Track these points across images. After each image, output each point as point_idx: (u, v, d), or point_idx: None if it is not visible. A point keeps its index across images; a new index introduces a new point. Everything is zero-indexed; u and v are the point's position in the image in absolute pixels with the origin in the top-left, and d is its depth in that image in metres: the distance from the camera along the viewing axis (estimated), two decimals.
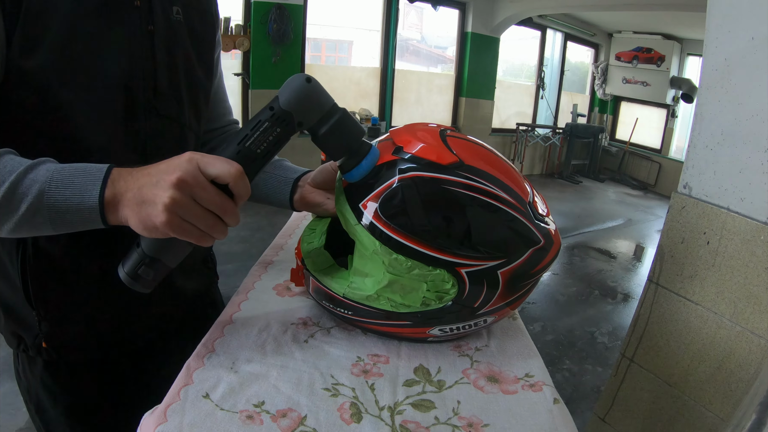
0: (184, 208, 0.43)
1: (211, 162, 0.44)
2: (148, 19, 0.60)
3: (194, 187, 0.43)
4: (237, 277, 0.79)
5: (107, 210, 0.46)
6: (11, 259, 0.60)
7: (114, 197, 0.45)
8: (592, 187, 6.61)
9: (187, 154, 0.45)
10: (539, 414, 0.50)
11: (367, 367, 0.56)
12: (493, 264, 0.53)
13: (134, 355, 0.71)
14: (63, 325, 0.63)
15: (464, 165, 0.52)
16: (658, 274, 1.00)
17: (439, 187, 0.51)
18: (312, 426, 0.46)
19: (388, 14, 5.13)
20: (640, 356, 1.04)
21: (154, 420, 0.45)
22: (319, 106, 0.51)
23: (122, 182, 0.46)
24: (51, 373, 0.66)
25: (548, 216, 0.59)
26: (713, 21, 0.87)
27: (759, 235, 0.82)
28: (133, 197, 0.44)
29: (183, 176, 0.43)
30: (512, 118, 6.62)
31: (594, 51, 7.35)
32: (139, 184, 0.44)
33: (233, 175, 0.44)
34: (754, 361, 0.83)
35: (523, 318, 0.70)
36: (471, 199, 0.51)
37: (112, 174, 0.46)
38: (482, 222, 0.52)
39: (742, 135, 0.84)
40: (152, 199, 0.43)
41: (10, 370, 0.71)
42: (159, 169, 0.44)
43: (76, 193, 0.45)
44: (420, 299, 0.54)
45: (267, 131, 0.49)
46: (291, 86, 0.49)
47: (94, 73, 0.56)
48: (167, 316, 0.73)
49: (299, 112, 0.49)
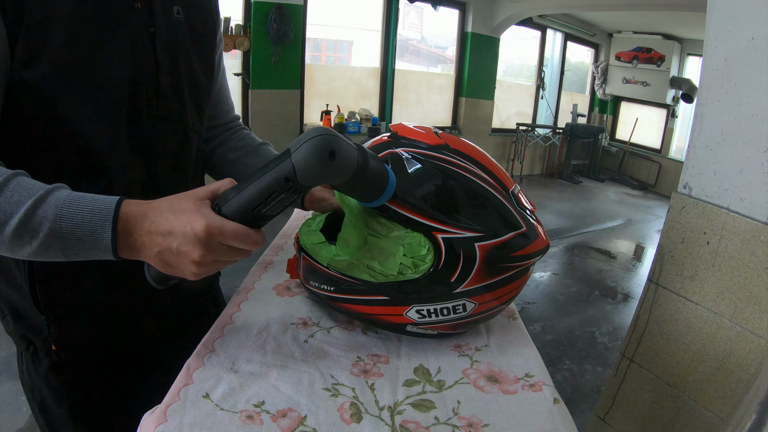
0: (209, 268, 0.47)
1: (231, 237, 0.45)
2: (149, 20, 0.60)
3: (217, 257, 0.46)
4: (237, 277, 0.79)
5: (122, 254, 0.46)
6: (18, 265, 0.60)
7: (129, 247, 0.46)
8: (592, 187, 6.61)
9: (202, 226, 0.44)
10: (539, 414, 0.50)
11: (367, 367, 0.56)
12: (470, 235, 0.54)
13: (139, 354, 0.71)
14: (71, 327, 0.63)
15: (450, 147, 0.57)
16: (658, 274, 1.00)
17: (424, 159, 0.55)
18: (312, 426, 0.46)
19: (388, 14, 5.13)
20: (640, 356, 1.04)
21: (154, 420, 0.45)
22: (342, 176, 0.46)
23: (136, 237, 0.45)
24: (56, 372, 0.66)
25: (533, 212, 0.62)
26: (713, 21, 0.87)
27: (759, 235, 0.82)
28: (155, 258, 0.46)
29: (205, 253, 0.44)
30: (512, 118, 6.61)
31: (594, 51, 7.34)
32: (158, 247, 0.45)
33: (254, 245, 0.47)
34: (754, 361, 0.83)
35: (523, 318, 0.70)
36: (453, 172, 0.56)
37: (120, 221, 0.45)
38: (462, 193, 0.56)
39: (742, 135, 0.84)
40: (179, 266, 0.46)
41: (10, 370, 0.71)
42: (174, 232, 0.44)
43: (86, 234, 0.44)
44: (397, 265, 0.55)
45: (282, 201, 0.46)
46: (311, 160, 0.43)
47: (96, 80, 0.55)
48: (171, 315, 0.73)
49: (319, 183, 0.46)
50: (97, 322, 0.65)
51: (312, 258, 0.62)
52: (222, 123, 0.82)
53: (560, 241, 4.16)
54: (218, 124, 0.81)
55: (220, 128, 0.82)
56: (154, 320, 0.71)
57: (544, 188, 6.26)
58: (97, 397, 0.69)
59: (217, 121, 0.81)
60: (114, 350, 0.68)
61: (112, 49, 0.56)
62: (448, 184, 0.55)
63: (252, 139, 0.84)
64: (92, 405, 0.69)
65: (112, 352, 0.68)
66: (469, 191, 0.56)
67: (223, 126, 0.83)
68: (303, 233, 0.65)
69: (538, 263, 2.72)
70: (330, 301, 0.62)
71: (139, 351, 0.71)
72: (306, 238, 0.64)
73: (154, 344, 0.73)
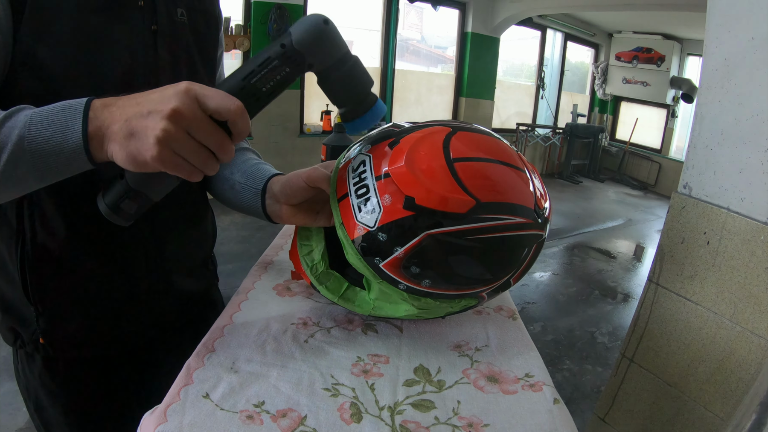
0: (178, 142, 0.40)
1: (211, 95, 0.41)
2: (152, 18, 0.61)
3: (191, 121, 0.40)
4: (237, 277, 0.79)
5: (92, 146, 0.41)
6: (10, 253, 0.60)
7: (98, 130, 0.41)
8: (592, 187, 6.61)
9: (185, 83, 0.41)
10: (539, 414, 0.50)
11: (367, 367, 0.56)
12: (506, 279, 0.57)
13: (133, 354, 0.71)
14: (61, 321, 0.63)
15: (481, 204, 0.50)
16: (658, 274, 1.00)
17: (462, 239, 0.50)
18: (312, 426, 0.46)
19: (388, 14, 5.13)
20: (640, 356, 1.04)
21: (154, 420, 0.45)
22: (333, 50, 0.48)
23: (107, 113, 0.41)
24: (50, 371, 0.66)
25: (546, 200, 0.59)
26: (713, 21, 0.87)
27: (759, 235, 0.82)
28: (120, 130, 0.40)
29: (179, 107, 0.39)
30: (512, 118, 6.62)
31: (594, 51, 7.35)
32: (126, 115, 0.40)
33: (234, 112, 0.41)
34: (754, 361, 0.83)
35: (523, 318, 0.70)
36: (493, 239, 0.51)
37: (93, 105, 0.42)
38: (503, 255, 0.54)
39: (742, 135, 0.84)
40: (143, 132, 0.39)
41: (10, 370, 0.71)
42: (150, 98, 0.40)
43: (57, 132, 0.41)
44: (445, 312, 0.59)
45: (275, 69, 0.46)
46: (306, 25, 0.46)
47: (97, 71, 0.56)
48: (166, 315, 0.73)
49: (312, 54, 0.47)
50: (88, 317, 0.64)
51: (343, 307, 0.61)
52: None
53: (560, 241, 4.16)
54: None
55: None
56: (148, 319, 0.71)
57: None
58: (91, 397, 0.69)
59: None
60: (105, 347, 0.68)
61: (113, 41, 0.57)
62: (490, 256, 0.52)
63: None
64: (87, 405, 0.69)
65: (103, 350, 0.68)
66: (510, 250, 0.54)
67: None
68: (313, 276, 0.61)
69: (538, 263, 2.70)
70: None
71: (133, 350, 0.71)
72: (325, 290, 0.60)
73: (148, 344, 0.73)
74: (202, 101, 0.41)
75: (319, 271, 0.61)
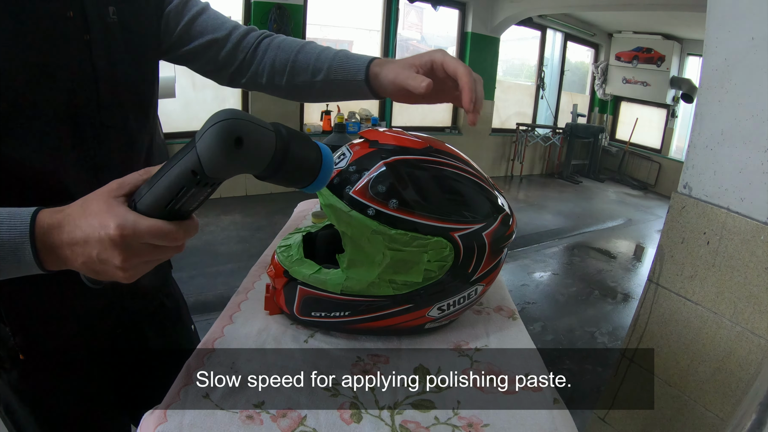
0: (140, 268, 0.43)
1: (148, 235, 0.41)
2: (83, 27, 0.57)
3: (142, 256, 0.42)
4: (237, 277, 0.79)
5: (50, 267, 0.43)
6: None
7: (55, 261, 0.43)
8: (592, 187, 6.61)
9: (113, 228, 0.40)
10: (539, 414, 0.50)
11: (367, 367, 0.56)
12: (478, 227, 0.60)
13: (97, 352, 0.71)
14: (36, 336, 0.63)
15: (433, 149, 0.60)
16: (658, 274, 1.00)
17: (421, 164, 0.58)
18: (312, 426, 0.46)
19: (388, 14, 5.13)
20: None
21: (154, 420, 0.45)
22: (256, 165, 0.40)
23: (58, 251, 0.42)
24: (23, 379, 0.65)
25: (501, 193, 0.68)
26: (713, 21, 0.87)
27: (759, 235, 0.82)
28: (82, 267, 0.42)
29: (126, 255, 0.40)
30: (512, 118, 6.61)
31: (594, 51, 7.34)
32: (81, 258, 0.41)
33: (176, 240, 0.42)
34: (754, 361, 0.83)
35: (523, 318, 0.70)
36: (450, 173, 0.59)
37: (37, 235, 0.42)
38: (463, 191, 0.60)
39: (742, 135, 0.84)
40: (106, 273, 0.42)
41: None
42: (90, 240, 0.41)
43: (9, 252, 0.42)
44: (422, 272, 0.58)
45: (195, 195, 0.41)
46: (215, 150, 0.37)
47: (37, 110, 0.54)
48: (128, 313, 0.73)
49: (231, 174, 0.40)
50: (59, 330, 0.65)
51: (315, 288, 0.60)
52: (221, 35, 0.71)
53: (560, 241, 4.16)
54: (218, 37, 0.71)
55: (221, 41, 0.71)
56: (114, 320, 0.71)
57: (544, 188, 6.26)
58: (59, 396, 0.69)
59: (216, 34, 0.71)
60: (76, 353, 0.68)
61: (49, 70, 0.54)
62: (453, 186, 0.58)
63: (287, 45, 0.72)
64: (54, 405, 0.69)
65: (74, 356, 0.68)
66: (469, 190, 0.60)
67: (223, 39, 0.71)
68: (288, 264, 0.63)
69: (538, 263, 2.71)
70: (345, 326, 0.61)
71: (97, 350, 0.71)
72: (298, 270, 0.61)
73: (111, 342, 0.73)
74: (141, 241, 0.41)
75: (294, 259, 0.64)
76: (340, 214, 0.57)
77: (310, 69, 0.69)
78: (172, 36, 0.70)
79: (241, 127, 0.38)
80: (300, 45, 0.71)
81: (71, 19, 0.56)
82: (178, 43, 0.70)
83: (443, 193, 0.58)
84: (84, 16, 0.57)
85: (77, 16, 0.57)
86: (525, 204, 5.32)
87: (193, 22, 0.70)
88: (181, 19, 0.69)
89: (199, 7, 0.71)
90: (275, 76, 0.71)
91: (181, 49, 0.71)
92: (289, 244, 0.68)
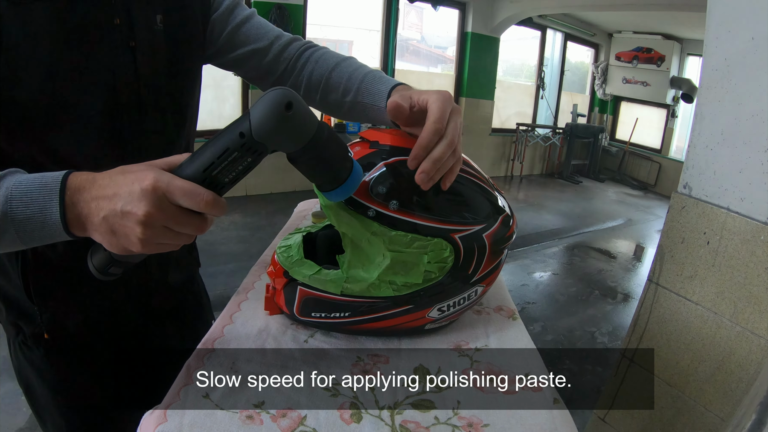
0: (158, 237, 0.42)
1: (179, 191, 0.41)
2: (129, 34, 0.58)
3: (165, 219, 0.41)
4: (237, 277, 0.79)
5: (73, 228, 0.43)
6: (11, 263, 0.61)
7: (77, 218, 0.43)
8: (592, 187, 6.61)
9: (150, 178, 0.41)
10: (539, 414, 0.50)
11: (367, 367, 0.56)
12: (478, 228, 0.59)
13: (116, 340, 0.72)
14: (63, 319, 0.64)
15: None
16: (658, 274, 1.00)
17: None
18: (312, 426, 0.46)
19: (388, 14, 5.13)
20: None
21: (154, 420, 0.45)
22: (299, 137, 0.43)
23: (82, 203, 0.43)
24: (47, 359, 0.67)
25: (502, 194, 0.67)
26: (713, 21, 0.87)
27: (759, 235, 0.82)
28: (101, 225, 0.42)
29: (151, 211, 0.40)
30: (512, 118, 6.61)
31: (594, 51, 7.34)
32: (102, 211, 0.42)
33: (205, 205, 0.42)
34: (754, 361, 0.83)
35: (523, 318, 0.70)
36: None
37: (68, 186, 0.43)
38: (463, 192, 0.59)
39: (742, 135, 0.84)
40: (123, 232, 0.42)
41: (11, 370, 0.71)
42: (120, 191, 0.41)
43: (37, 213, 0.43)
44: (422, 273, 0.57)
45: (236, 161, 0.42)
46: (266, 112, 0.41)
47: (79, 109, 0.55)
48: (151, 304, 0.74)
49: (275, 143, 0.42)
50: (87, 315, 0.66)
51: (315, 289, 0.60)
52: (263, 46, 0.71)
53: (560, 241, 4.17)
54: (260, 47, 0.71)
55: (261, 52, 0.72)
56: (139, 310, 0.72)
57: (544, 188, 6.26)
58: (80, 384, 0.70)
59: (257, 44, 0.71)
60: (100, 340, 0.69)
61: (92, 73, 0.55)
62: (454, 186, 0.57)
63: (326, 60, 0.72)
64: (74, 391, 0.70)
65: (98, 342, 0.69)
66: (470, 191, 0.60)
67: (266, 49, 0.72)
68: (288, 265, 0.63)
69: (538, 263, 2.72)
70: (345, 327, 0.61)
71: (117, 337, 0.72)
72: (298, 271, 0.61)
73: (132, 332, 0.74)
74: (172, 199, 0.41)
75: (294, 259, 0.64)
76: (340, 215, 0.56)
77: (342, 88, 0.70)
78: (217, 43, 0.71)
79: (293, 96, 0.41)
80: (336, 62, 0.72)
81: (117, 26, 0.57)
82: (222, 50, 0.72)
83: (444, 195, 0.57)
84: (130, 24, 0.58)
85: (123, 23, 0.58)
86: (525, 204, 5.32)
87: (237, 30, 0.71)
88: (226, 27, 0.71)
89: (244, 16, 0.72)
90: (311, 92, 0.73)
91: (225, 56, 0.72)
92: (289, 244, 0.67)
